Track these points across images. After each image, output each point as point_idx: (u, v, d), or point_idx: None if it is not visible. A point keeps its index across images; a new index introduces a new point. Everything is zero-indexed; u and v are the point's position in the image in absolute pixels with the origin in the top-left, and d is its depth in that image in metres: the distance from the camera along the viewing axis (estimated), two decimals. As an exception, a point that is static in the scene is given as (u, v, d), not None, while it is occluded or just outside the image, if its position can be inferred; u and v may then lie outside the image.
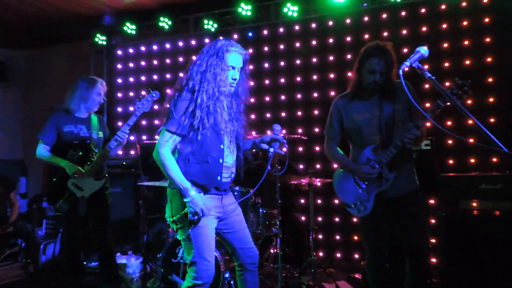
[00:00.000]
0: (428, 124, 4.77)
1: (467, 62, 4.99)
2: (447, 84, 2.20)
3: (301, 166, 5.58)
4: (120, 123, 6.88)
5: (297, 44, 5.88)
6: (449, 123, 4.93)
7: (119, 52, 7.04)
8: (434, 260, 4.62)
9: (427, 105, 2.88)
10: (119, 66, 7.01)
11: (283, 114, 5.89)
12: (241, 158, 2.79)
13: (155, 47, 6.79)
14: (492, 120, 4.81)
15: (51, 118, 3.88)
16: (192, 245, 2.56)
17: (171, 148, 2.56)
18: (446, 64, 5.06)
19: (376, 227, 3.07)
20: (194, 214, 2.47)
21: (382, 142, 2.95)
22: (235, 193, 4.11)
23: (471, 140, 4.69)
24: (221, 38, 2.76)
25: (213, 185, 2.62)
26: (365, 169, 2.93)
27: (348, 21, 5.60)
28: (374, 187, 2.97)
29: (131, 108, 6.86)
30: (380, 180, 2.94)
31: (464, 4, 5.03)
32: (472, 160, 4.86)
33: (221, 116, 2.61)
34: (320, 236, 5.52)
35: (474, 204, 3.73)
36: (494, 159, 4.79)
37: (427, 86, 5.06)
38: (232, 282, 3.87)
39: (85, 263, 4.83)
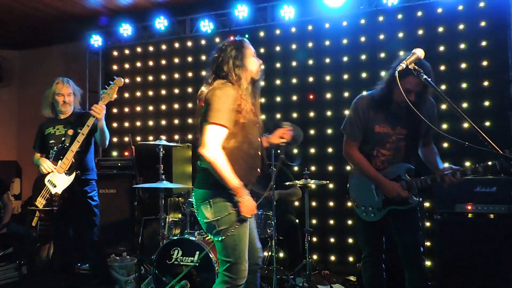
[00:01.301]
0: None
1: (463, 65, 5.00)
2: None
3: (296, 168, 5.57)
4: (115, 124, 6.86)
5: (293, 46, 5.88)
6: (444, 126, 4.93)
7: (115, 53, 7.01)
8: (429, 263, 4.63)
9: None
10: (115, 67, 6.99)
11: (278, 116, 5.88)
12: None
13: (151, 48, 6.77)
14: (487, 123, 4.82)
15: (38, 128, 4.11)
16: (236, 247, 2.52)
17: (221, 144, 2.48)
18: (442, 68, 5.07)
19: (376, 232, 3.08)
20: (246, 215, 2.47)
21: (408, 161, 2.95)
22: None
23: (466, 143, 4.69)
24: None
25: (252, 180, 2.64)
26: (397, 188, 2.84)
27: (344, 23, 5.60)
28: (393, 202, 2.93)
29: (126, 109, 6.84)
30: (404, 200, 2.89)
31: (460, 7, 5.04)
32: (467, 163, 4.86)
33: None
34: (315, 239, 5.50)
35: (469, 207, 3.73)
36: (489, 162, 4.77)
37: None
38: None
39: (79, 264, 4.80)
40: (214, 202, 2.53)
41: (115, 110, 6.88)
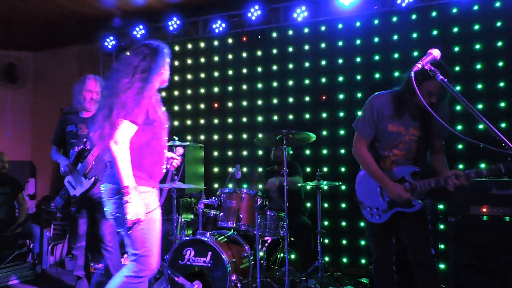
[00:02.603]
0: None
1: (478, 66, 4.94)
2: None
3: (308, 169, 5.56)
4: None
5: (306, 47, 5.86)
6: (459, 127, 4.88)
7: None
8: (442, 266, 4.58)
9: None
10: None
11: (291, 117, 5.87)
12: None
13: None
14: (503, 125, 4.76)
15: (59, 121, 4.06)
16: (145, 240, 2.59)
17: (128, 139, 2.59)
18: (457, 68, 5.02)
19: (384, 234, 3.06)
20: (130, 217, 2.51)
21: (416, 163, 2.92)
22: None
23: (482, 145, 4.64)
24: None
25: (157, 176, 2.75)
26: (400, 190, 2.81)
27: (358, 24, 5.58)
28: (398, 204, 2.90)
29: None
30: (407, 202, 2.87)
31: (476, 7, 4.99)
32: (483, 165, 4.81)
33: None
34: (327, 240, 5.48)
35: (485, 210, 3.68)
36: (493, 166, 4.71)
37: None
38: (239, 284, 3.85)
39: (92, 264, 4.83)
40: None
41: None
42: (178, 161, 2.96)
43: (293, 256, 5.25)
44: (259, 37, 6.16)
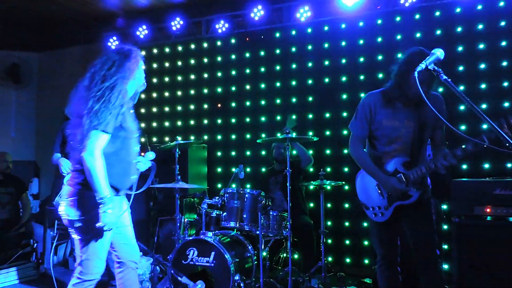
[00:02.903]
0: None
1: (482, 66, 4.92)
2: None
3: (311, 169, 5.55)
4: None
5: (309, 47, 5.86)
6: (463, 127, 4.87)
7: (132, 54, 7.05)
8: (446, 266, 4.56)
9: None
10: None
11: (294, 117, 5.86)
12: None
13: (167, 50, 6.81)
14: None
15: (59, 128, 4.19)
16: (90, 245, 2.60)
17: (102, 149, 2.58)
18: (461, 68, 5.00)
19: (389, 234, 3.04)
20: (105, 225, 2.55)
21: (409, 155, 2.92)
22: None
23: (486, 144, 4.62)
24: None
25: (126, 186, 2.79)
26: (394, 182, 2.84)
27: (361, 24, 5.57)
28: (397, 198, 2.91)
29: (142, 110, 6.89)
30: (404, 194, 2.88)
31: (479, 7, 4.97)
32: (486, 165, 4.80)
33: None
34: (330, 240, 5.48)
35: (488, 210, 3.67)
36: (509, 164, 4.71)
37: (440, 89, 5.01)
38: (242, 284, 3.85)
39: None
40: (79, 201, 2.55)
41: (131, 112, 6.92)
42: (142, 165, 2.91)
43: (296, 256, 5.25)
44: (262, 37, 6.16)
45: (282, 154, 5.04)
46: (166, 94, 6.79)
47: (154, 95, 6.87)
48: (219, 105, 6.37)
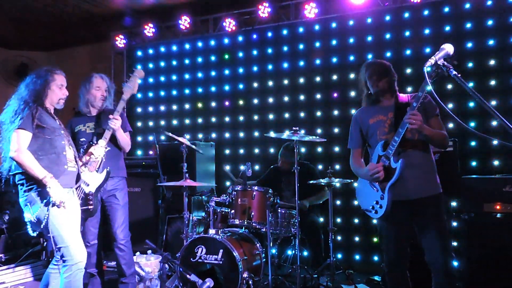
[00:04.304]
0: (451, 125, 4.73)
1: (492, 62, 4.88)
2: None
3: (320, 167, 5.54)
4: (139, 123, 6.94)
5: (317, 44, 5.84)
6: (472, 124, 4.82)
7: (139, 53, 7.09)
8: (456, 263, 4.54)
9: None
10: (139, 66, 7.05)
11: (302, 115, 5.85)
12: None
13: (174, 48, 6.82)
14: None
15: (67, 124, 4.08)
16: (61, 233, 3.01)
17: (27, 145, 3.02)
18: (470, 65, 4.96)
19: (395, 232, 3.00)
20: (55, 199, 2.98)
21: (386, 138, 2.98)
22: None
23: (495, 142, 4.59)
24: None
25: (58, 175, 3.12)
26: (369, 167, 2.96)
27: (369, 20, 5.54)
28: (383, 180, 2.93)
29: (151, 109, 6.91)
30: (390, 173, 2.89)
31: (489, 2, 4.92)
32: (496, 162, 4.75)
33: None
34: (339, 238, 5.46)
35: (498, 207, 3.65)
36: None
37: (449, 86, 4.99)
38: (250, 282, 3.86)
39: (104, 262, 4.87)
40: (31, 204, 2.98)
41: (139, 110, 6.96)
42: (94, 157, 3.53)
43: (305, 254, 5.24)
44: (270, 34, 6.15)
45: (290, 158, 5.01)
46: (174, 92, 6.80)
47: (162, 93, 6.88)
48: (227, 103, 6.36)
